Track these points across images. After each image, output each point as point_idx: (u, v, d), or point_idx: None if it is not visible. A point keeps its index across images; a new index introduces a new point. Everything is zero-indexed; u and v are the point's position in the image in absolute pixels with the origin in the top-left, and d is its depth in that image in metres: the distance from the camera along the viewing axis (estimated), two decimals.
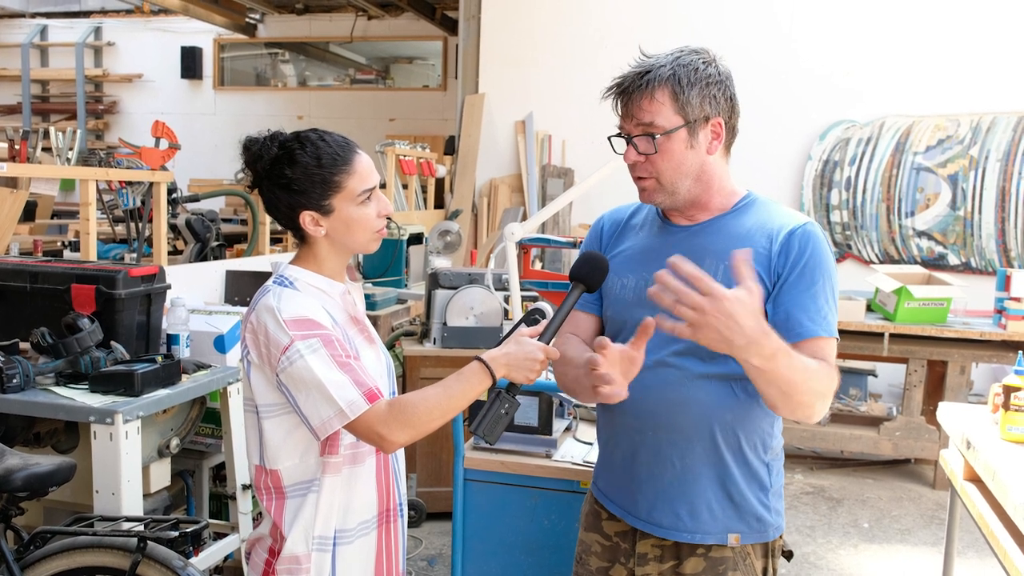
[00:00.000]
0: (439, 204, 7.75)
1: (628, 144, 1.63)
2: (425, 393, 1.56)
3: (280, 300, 1.57)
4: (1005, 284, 4.76)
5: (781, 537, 1.72)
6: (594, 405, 2.19)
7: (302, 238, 1.67)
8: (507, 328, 2.81)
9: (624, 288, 1.70)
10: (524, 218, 6.89)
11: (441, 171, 7.56)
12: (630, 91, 1.60)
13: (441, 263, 5.13)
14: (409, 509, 4.00)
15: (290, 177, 1.59)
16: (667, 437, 1.64)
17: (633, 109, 1.60)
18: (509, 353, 1.56)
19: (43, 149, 3.99)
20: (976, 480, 2.47)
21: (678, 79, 1.57)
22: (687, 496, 1.64)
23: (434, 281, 3.99)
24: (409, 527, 3.98)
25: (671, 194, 1.63)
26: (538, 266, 5.74)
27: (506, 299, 3.85)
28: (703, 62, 1.60)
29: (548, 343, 1.59)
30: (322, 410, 1.52)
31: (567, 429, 2.67)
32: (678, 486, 1.64)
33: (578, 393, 1.70)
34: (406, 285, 5.32)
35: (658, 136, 1.57)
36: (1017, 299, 4.66)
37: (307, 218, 1.62)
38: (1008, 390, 2.35)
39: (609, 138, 1.66)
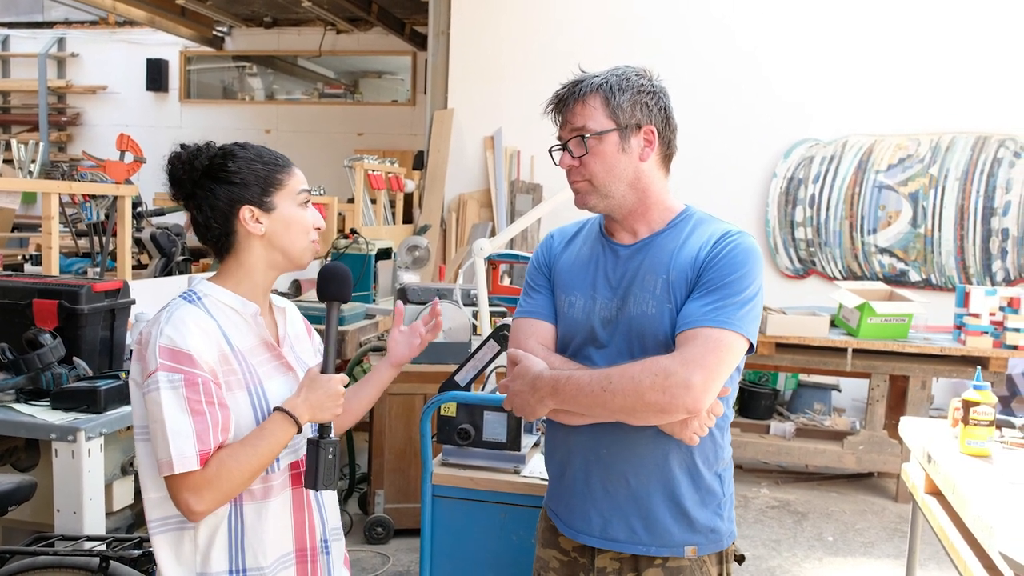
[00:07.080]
0: (408, 219, 7.74)
1: (563, 150, 1.68)
2: (235, 454, 1.48)
3: (169, 322, 1.49)
4: (964, 300, 4.86)
5: (734, 544, 1.75)
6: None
7: (229, 248, 1.59)
8: (475, 344, 2.83)
9: (572, 307, 1.73)
10: (493, 233, 6.91)
11: (410, 186, 7.56)
12: (565, 99, 1.67)
13: (410, 278, 5.12)
14: (376, 526, 3.97)
15: (232, 169, 1.55)
16: (621, 454, 1.66)
17: (568, 116, 1.66)
18: (308, 397, 1.54)
19: (4, 161, 3.93)
20: (937, 493, 2.52)
21: (610, 86, 1.63)
22: (642, 512, 1.65)
23: (402, 296, 3.98)
24: (376, 544, 3.95)
25: (604, 196, 1.67)
26: (506, 281, 5.76)
27: (475, 315, 3.86)
28: (636, 74, 1.66)
29: (332, 370, 1.60)
30: (159, 450, 1.45)
31: (536, 444, 2.67)
32: (633, 502, 1.66)
33: (521, 409, 1.67)
34: (374, 300, 5.30)
35: (588, 137, 1.63)
36: (976, 315, 4.77)
37: (247, 213, 1.56)
38: (967, 404, 2.40)
39: (550, 150, 1.71)
